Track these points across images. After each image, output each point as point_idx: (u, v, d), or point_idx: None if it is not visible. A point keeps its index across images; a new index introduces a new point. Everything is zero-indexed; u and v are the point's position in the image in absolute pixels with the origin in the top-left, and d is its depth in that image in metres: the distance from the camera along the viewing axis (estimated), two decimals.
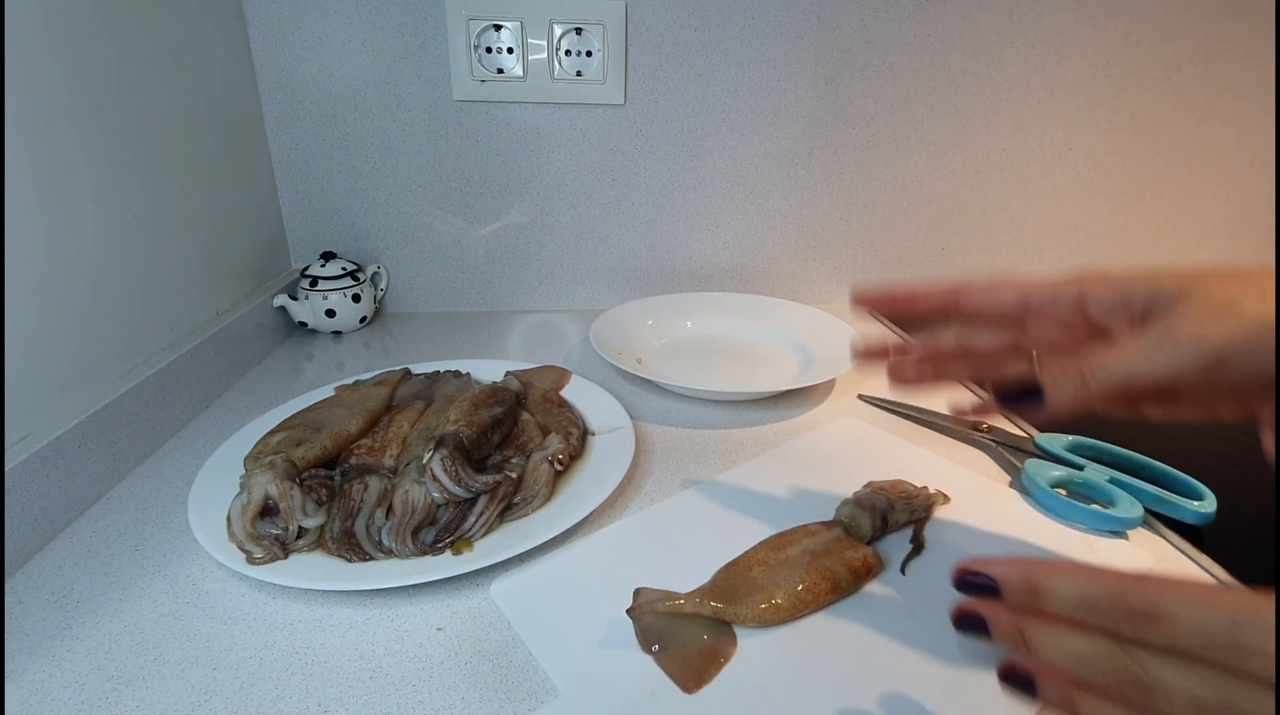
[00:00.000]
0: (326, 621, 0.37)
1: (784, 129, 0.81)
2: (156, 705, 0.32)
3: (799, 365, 0.69)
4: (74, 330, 0.48)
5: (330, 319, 0.76)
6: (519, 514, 0.44)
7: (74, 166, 0.48)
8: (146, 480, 0.50)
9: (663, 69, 0.77)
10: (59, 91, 0.47)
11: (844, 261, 0.89)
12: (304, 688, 0.33)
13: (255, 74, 0.73)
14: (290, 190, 0.79)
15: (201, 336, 0.61)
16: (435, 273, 0.84)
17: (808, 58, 0.78)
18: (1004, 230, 0.89)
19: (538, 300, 0.87)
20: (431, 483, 0.43)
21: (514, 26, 0.73)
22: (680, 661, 0.33)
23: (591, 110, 0.78)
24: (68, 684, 0.33)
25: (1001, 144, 0.85)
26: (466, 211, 0.82)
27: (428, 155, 0.78)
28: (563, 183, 0.81)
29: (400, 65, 0.74)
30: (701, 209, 0.84)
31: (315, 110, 0.75)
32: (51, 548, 0.43)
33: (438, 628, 0.37)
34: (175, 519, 0.46)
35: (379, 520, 0.42)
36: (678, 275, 0.87)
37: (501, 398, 0.54)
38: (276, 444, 0.47)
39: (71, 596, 0.39)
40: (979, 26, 0.79)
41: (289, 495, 0.42)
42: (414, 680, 0.34)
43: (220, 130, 0.67)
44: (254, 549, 0.40)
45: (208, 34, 0.65)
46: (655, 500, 0.48)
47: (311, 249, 0.81)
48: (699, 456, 0.54)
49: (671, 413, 0.61)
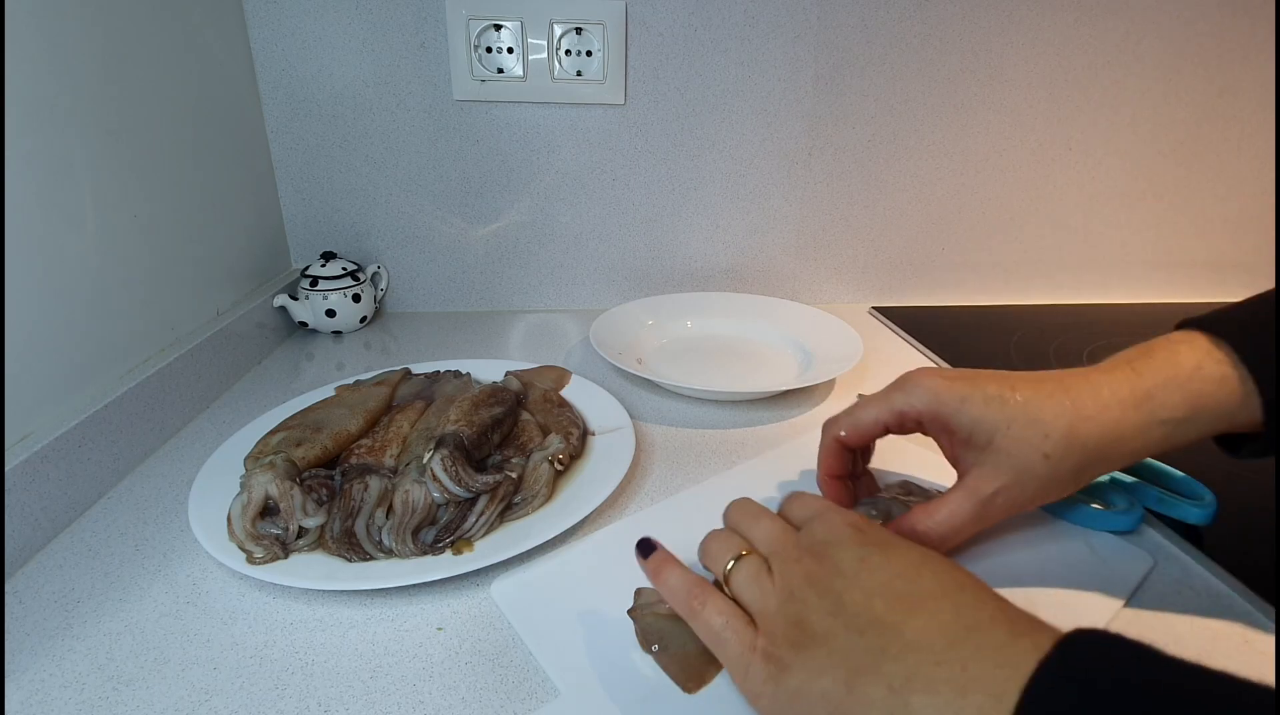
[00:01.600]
0: (326, 621, 0.37)
1: (784, 129, 0.81)
2: (156, 705, 0.32)
3: (799, 365, 0.69)
4: (74, 330, 0.48)
5: (330, 319, 0.76)
6: (519, 514, 0.44)
7: (74, 166, 0.48)
8: (146, 480, 0.50)
9: (663, 69, 0.77)
10: (59, 92, 0.47)
11: (844, 261, 0.89)
12: (304, 688, 0.33)
13: (255, 74, 0.73)
14: (290, 190, 0.79)
15: (201, 336, 0.61)
16: (435, 273, 0.84)
17: (808, 58, 0.78)
18: (1004, 230, 0.89)
19: (538, 300, 0.87)
20: (432, 482, 0.43)
21: (514, 26, 0.73)
22: (680, 662, 0.33)
23: (591, 110, 0.78)
24: (68, 684, 0.33)
25: (1001, 144, 0.85)
26: (466, 211, 0.82)
27: (428, 155, 0.78)
28: (563, 182, 0.81)
29: (400, 65, 0.74)
30: (701, 209, 0.84)
31: (315, 110, 0.75)
32: (51, 548, 0.43)
33: (438, 628, 0.37)
34: (175, 519, 0.46)
35: (379, 520, 0.42)
36: (678, 275, 0.87)
37: (501, 398, 0.54)
38: (277, 444, 0.47)
39: (71, 596, 0.39)
40: (979, 26, 0.79)
41: (289, 495, 0.42)
42: (414, 680, 0.34)
43: (220, 130, 0.67)
44: (254, 549, 0.40)
45: (208, 34, 0.65)
46: (655, 500, 0.48)
47: (311, 249, 0.81)
48: (699, 456, 0.54)
49: (671, 413, 0.61)
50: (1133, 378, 0.35)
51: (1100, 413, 0.35)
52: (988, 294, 0.92)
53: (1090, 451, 0.35)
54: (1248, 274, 0.95)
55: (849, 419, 0.41)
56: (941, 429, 0.38)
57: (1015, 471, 0.35)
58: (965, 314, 0.86)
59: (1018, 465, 0.35)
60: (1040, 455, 0.35)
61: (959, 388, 0.37)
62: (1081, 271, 0.93)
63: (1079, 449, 0.35)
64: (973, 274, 0.92)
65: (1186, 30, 0.82)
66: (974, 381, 0.37)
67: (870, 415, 0.40)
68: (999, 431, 0.36)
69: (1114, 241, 0.92)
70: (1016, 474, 0.35)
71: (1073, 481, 0.36)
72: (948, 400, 0.37)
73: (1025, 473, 0.35)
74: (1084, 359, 0.71)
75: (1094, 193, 0.89)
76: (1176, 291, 0.95)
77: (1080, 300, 0.93)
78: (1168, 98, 0.85)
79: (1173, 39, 0.82)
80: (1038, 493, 0.36)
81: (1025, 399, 0.36)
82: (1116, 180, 0.89)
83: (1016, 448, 0.35)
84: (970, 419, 0.36)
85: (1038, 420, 0.35)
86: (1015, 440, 0.35)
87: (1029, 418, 0.35)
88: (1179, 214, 0.91)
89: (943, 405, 0.37)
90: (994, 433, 0.36)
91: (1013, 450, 0.35)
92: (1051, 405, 0.35)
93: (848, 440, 0.41)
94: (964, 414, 0.37)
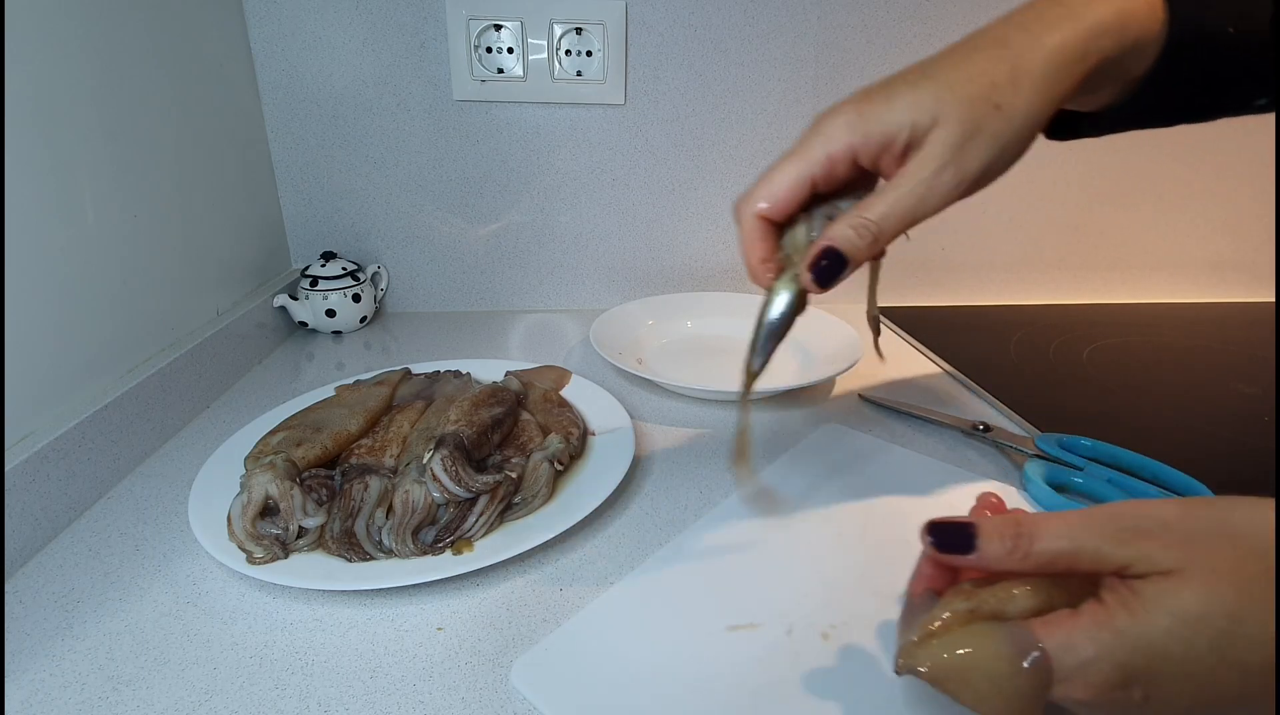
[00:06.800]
0: (326, 621, 0.37)
1: (784, 129, 0.81)
2: (156, 705, 0.32)
3: (799, 365, 0.69)
4: (74, 330, 0.48)
5: (330, 319, 0.76)
6: (519, 514, 0.44)
7: (74, 166, 0.48)
8: (146, 480, 0.50)
9: (663, 69, 0.77)
10: (59, 91, 0.47)
11: None
12: (304, 688, 0.33)
13: (255, 74, 0.73)
14: (290, 190, 0.79)
15: (201, 336, 0.61)
16: (435, 273, 0.84)
17: (808, 58, 0.78)
18: (1004, 230, 0.89)
19: (538, 300, 0.87)
20: (432, 482, 0.43)
21: (514, 26, 0.73)
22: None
23: (591, 110, 0.78)
24: (68, 684, 0.33)
25: None
26: (466, 211, 0.82)
27: (428, 155, 0.78)
28: (563, 182, 0.81)
29: (400, 65, 0.74)
30: (701, 209, 0.84)
31: (315, 110, 0.75)
32: (51, 548, 0.43)
33: (438, 628, 0.37)
34: (175, 519, 0.46)
35: (379, 520, 0.42)
36: (678, 275, 0.87)
37: (502, 398, 0.54)
38: (277, 444, 0.47)
39: (71, 596, 0.39)
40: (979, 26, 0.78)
41: (289, 495, 0.42)
42: (414, 680, 0.34)
43: (220, 130, 0.67)
44: (254, 549, 0.40)
45: (208, 34, 0.65)
46: (656, 500, 0.48)
47: (312, 249, 0.81)
48: (699, 456, 0.54)
49: (671, 413, 0.61)
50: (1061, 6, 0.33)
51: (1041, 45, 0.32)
52: (988, 294, 0.92)
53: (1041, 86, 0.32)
54: (1248, 274, 0.95)
55: (765, 188, 0.35)
56: (880, 150, 0.33)
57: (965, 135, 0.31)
58: (965, 314, 0.86)
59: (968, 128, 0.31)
60: (991, 106, 0.31)
61: (876, 94, 0.33)
62: (1081, 271, 0.93)
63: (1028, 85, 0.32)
64: (973, 274, 0.91)
65: None
66: (888, 82, 0.33)
67: (789, 173, 0.34)
68: (942, 104, 0.31)
69: (1114, 241, 0.92)
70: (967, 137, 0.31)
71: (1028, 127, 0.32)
72: (871, 113, 0.32)
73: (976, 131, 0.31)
74: (1084, 359, 0.71)
75: (1094, 193, 0.89)
76: (1176, 291, 0.95)
77: (1080, 300, 0.93)
78: None
79: None
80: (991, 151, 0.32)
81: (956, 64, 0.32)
82: (1116, 180, 0.89)
83: (965, 110, 0.31)
84: (903, 110, 0.32)
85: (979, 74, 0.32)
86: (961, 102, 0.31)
87: (968, 76, 0.32)
88: (1179, 214, 0.91)
89: (869, 123, 0.32)
90: (937, 109, 0.31)
91: (961, 114, 0.31)
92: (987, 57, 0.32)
93: (771, 213, 0.35)
94: (893, 113, 0.32)
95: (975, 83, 0.32)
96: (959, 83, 0.32)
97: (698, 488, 0.50)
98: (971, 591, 0.28)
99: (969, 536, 0.27)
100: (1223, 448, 0.56)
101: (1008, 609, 0.27)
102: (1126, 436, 0.51)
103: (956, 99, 0.32)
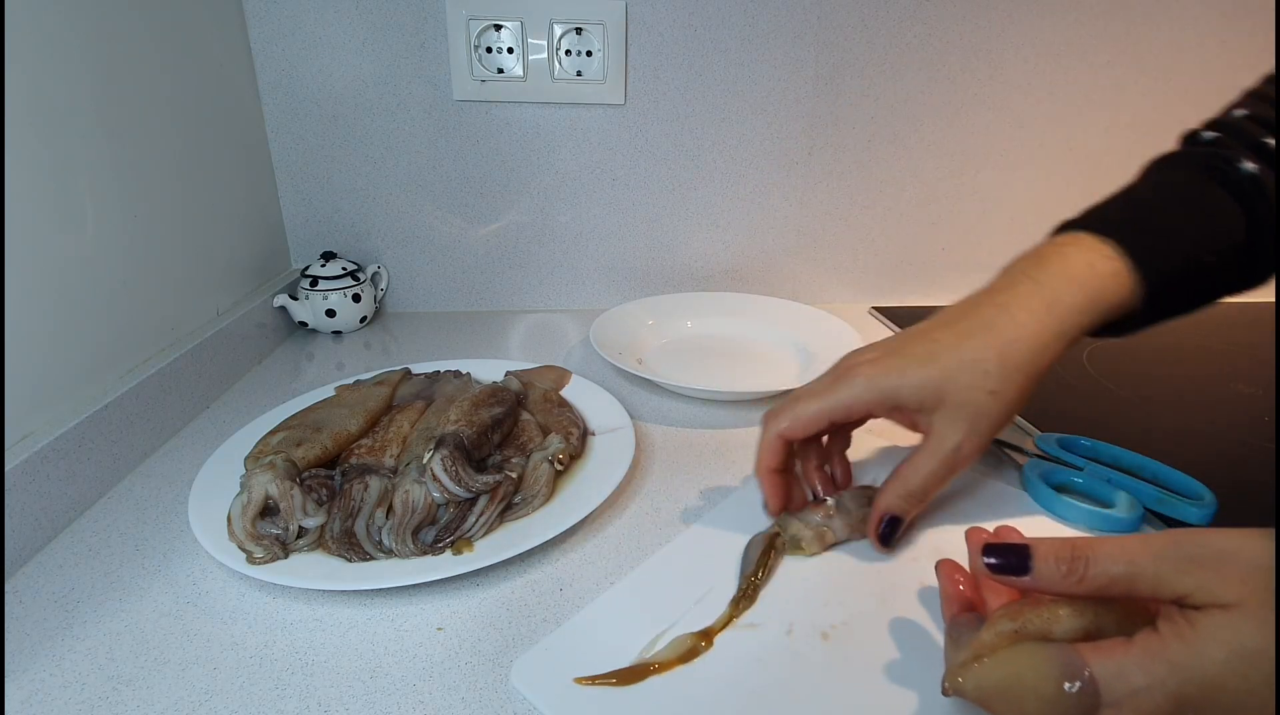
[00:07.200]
0: (326, 621, 0.37)
1: (783, 129, 0.81)
2: (156, 705, 0.32)
3: (799, 365, 0.69)
4: (74, 330, 0.48)
5: (330, 319, 0.76)
6: (519, 514, 0.44)
7: (74, 166, 0.48)
8: (146, 480, 0.50)
9: (663, 69, 0.77)
10: (59, 92, 0.47)
11: (844, 261, 0.89)
12: (304, 688, 0.33)
13: (255, 74, 0.73)
14: (290, 190, 0.79)
15: (201, 336, 0.61)
16: (435, 273, 0.84)
17: (807, 58, 0.78)
18: (1004, 230, 0.89)
19: (538, 300, 0.87)
20: (432, 482, 0.43)
21: (514, 26, 0.73)
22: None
23: (591, 110, 0.78)
24: (68, 684, 0.33)
25: (1001, 144, 0.85)
26: (466, 211, 0.82)
27: (428, 155, 0.78)
28: (563, 182, 0.81)
29: (400, 65, 0.74)
30: (701, 209, 0.84)
31: (315, 110, 0.75)
32: (51, 548, 0.43)
33: (438, 628, 0.37)
34: (175, 519, 0.46)
35: (379, 520, 0.42)
36: (678, 275, 0.87)
37: (501, 398, 0.54)
38: (277, 444, 0.47)
39: (71, 596, 0.39)
40: (979, 26, 0.79)
41: (289, 495, 0.42)
42: (414, 680, 0.34)
43: (220, 130, 0.67)
44: (254, 549, 0.40)
45: (208, 34, 0.65)
46: (656, 500, 0.48)
47: (311, 249, 0.81)
48: (699, 456, 0.54)
49: (671, 413, 0.61)
50: (1037, 290, 0.39)
51: (1021, 333, 0.38)
52: None
53: (1025, 369, 0.38)
54: None
55: (790, 414, 0.41)
56: (892, 409, 0.40)
57: (970, 417, 0.38)
58: None
59: (971, 411, 0.38)
60: (986, 393, 0.38)
61: (892, 364, 0.40)
62: None
63: (1015, 372, 0.38)
64: (973, 274, 0.91)
65: (1186, 30, 0.82)
66: (901, 352, 0.40)
67: (813, 409, 0.41)
68: (945, 388, 0.38)
69: None
70: (972, 419, 0.38)
71: (1018, 403, 0.39)
72: (886, 383, 0.39)
73: (979, 414, 0.38)
74: (1084, 359, 0.71)
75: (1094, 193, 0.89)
76: None
77: None
78: (1168, 98, 0.85)
79: (1173, 39, 0.82)
80: (994, 427, 0.39)
81: (955, 347, 0.39)
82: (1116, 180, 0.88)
83: (965, 395, 0.38)
84: (914, 388, 0.39)
85: (974, 362, 0.38)
86: (962, 388, 0.38)
87: (964, 363, 0.38)
88: None
89: (884, 389, 0.39)
90: (941, 391, 0.38)
91: (962, 398, 0.38)
92: (978, 344, 0.39)
93: (790, 434, 0.41)
94: (906, 387, 0.39)
95: (970, 372, 0.38)
96: (957, 369, 0.38)
97: (698, 488, 0.50)
98: (1018, 612, 0.28)
99: (1025, 558, 0.28)
100: (1223, 448, 0.56)
101: (1054, 630, 0.27)
102: (1126, 436, 0.52)
103: (958, 387, 0.38)
